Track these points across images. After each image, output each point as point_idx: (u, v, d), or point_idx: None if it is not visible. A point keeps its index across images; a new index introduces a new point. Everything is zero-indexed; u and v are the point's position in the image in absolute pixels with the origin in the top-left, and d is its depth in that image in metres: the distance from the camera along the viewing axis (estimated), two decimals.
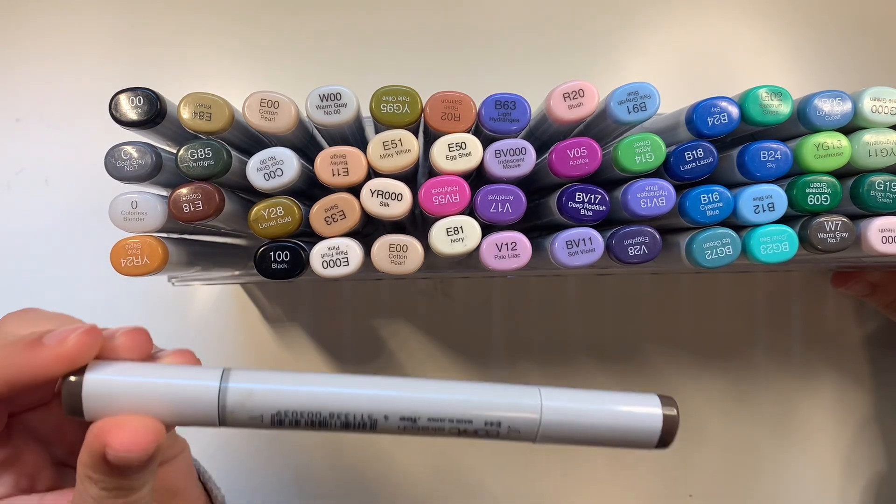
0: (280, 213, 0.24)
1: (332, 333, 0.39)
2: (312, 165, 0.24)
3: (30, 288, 0.38)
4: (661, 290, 0.40)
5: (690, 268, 0.26)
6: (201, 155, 0.23)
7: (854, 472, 0.40)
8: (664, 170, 0.25)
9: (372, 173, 0.25)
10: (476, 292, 0.39)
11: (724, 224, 0.25)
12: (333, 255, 0.24)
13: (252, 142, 0.27)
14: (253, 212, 0.24)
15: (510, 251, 0.24)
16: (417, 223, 0.31)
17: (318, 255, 0.24)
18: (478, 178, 0.27)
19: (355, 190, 0.24)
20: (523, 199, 0.24)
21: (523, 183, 0.25)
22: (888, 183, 0.25)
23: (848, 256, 0.29)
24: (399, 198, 0.24)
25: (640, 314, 0.40)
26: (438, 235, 0.24)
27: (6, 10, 0.38)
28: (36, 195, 0.38)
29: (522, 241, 0.24)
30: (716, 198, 0.25)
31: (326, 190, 0.24)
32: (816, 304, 0.40)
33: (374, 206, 0.24)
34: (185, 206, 0.23)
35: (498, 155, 0.24)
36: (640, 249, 0.25)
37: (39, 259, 0.38)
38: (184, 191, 0.23)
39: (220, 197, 0.24)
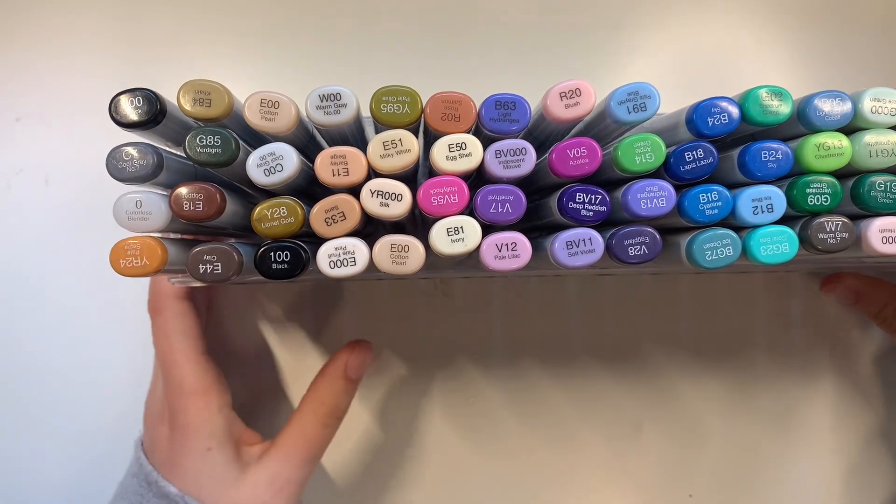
0: (283, 213, 0.24)
1: (332, 333, 0.39)
2: (312, 165, 0.24)
3: (30, 288, 0.38)
4: (661, 291, 0.40)
5: (690, 268, 0.26)
6: (210, 142, 0.23)
7: (855, 471, 0.40)
8: (664, 170, 0.25)
9: (372, 173, 0.25)
10: (476, 292, 0.39)
11: (723, 225, 0.25)
12: (340, 256, 0.24)
13: (252, 139, 0.27)
14: (256, 211, 0.24)
15: (510, 252, 0.24)
16: (417, 223, 0.31)
17: (325, 256, 0.24)
18: (478, 178, 0.27)
19: (355, 190, 0.24)
20: (523, 199, 0.24)
21: (523, 183, 0.25)
22: (889, 183, 0.25)
23: (848, 257, 0.29)
24: (399, 198, 0.24)
25: (640, 314, 0.40)
26: (439, 235, 0.24)
27: (6, 10, 0.38)
28: (36, 195, 0.38)
29: (522, 242, 0.24)
30: (714, 197, 0.25)
31: (327, 189, 0.24)
32: (816, 304, 0.40)
33: (374, 206, 0.24)
34: (186, 205, 0.23)
35: (498, 155, 0.24)
36: (640, 250, 0.25)
37: (39, 259, 0.38)
38: (184, 190, 0.23)
39: (221, 198, 0.24)
